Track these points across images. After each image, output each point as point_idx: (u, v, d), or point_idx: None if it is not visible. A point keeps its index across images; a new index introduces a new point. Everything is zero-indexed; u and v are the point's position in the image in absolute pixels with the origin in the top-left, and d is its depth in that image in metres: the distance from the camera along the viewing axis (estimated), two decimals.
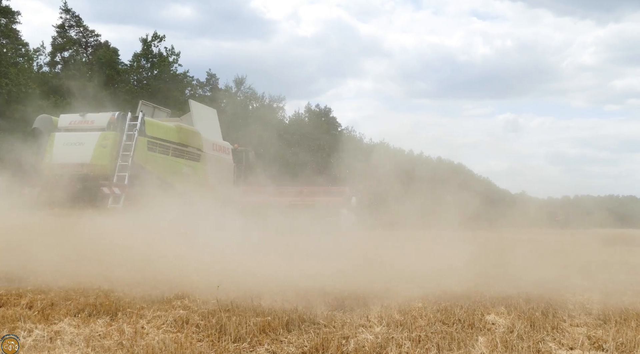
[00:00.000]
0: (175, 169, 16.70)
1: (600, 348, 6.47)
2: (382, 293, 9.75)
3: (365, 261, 15.04)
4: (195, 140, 17.48)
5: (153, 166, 16.15)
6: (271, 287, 9.90)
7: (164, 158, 16.58)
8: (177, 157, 16.93)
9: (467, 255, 18.63)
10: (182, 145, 17.12)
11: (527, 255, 18.98)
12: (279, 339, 6.56)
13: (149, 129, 16.30)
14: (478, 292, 10.08)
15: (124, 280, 10.28)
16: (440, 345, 6.30)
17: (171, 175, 16.62)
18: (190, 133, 17.46)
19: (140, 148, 15.95)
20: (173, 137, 17.04)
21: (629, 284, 12.13)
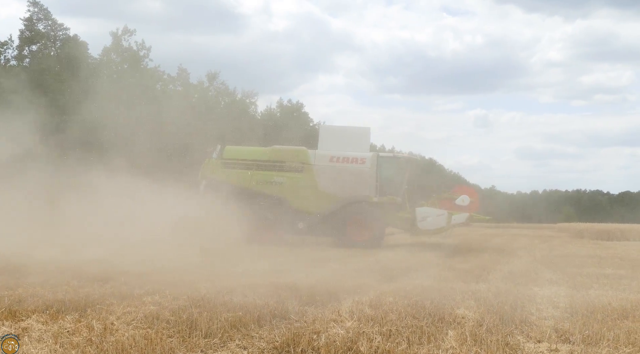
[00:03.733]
0: (261, 179, 21.13)
1: (567, 340, 6.57)
2: (354, 287, 9.80)
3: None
4: (297, 156, 21.31)
5: (228, 177, 21.29)
6: (242, 282, 9.89)
7: (243, 172, 21.28)
8: (265, 170, 21.24)
9: (436, 250, 18.84)
10: (276, 161, 21.30)
11: (496, 249, 19.25)
12: (250, 335, 6.55)
13: (227, 154, 21.74)
14: (448, 286, 10.18)
15: (93, 276, 10.19)
16: (411, 339, 6.34)
17: (256, 184, 21.13)
18: (288, 152, 21.72)
19: (214, 166, 21.56)
20: (260, 156, 21.64)
21: (596, 277, 12.36)
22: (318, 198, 20.78)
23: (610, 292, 10.03)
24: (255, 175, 21.29)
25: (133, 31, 41.81)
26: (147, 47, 42.20)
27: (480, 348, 6.06)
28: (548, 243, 27.11)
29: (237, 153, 22.06)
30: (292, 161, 21.35)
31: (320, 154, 21.26)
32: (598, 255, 19.30)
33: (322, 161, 21.07)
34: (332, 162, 20.96)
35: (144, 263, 12.58)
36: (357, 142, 21.28)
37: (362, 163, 20.68)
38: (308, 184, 20.97)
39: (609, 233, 36.22)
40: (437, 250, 18.68)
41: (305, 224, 20.67)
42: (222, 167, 21.56)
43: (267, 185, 21.16)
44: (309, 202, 20.83)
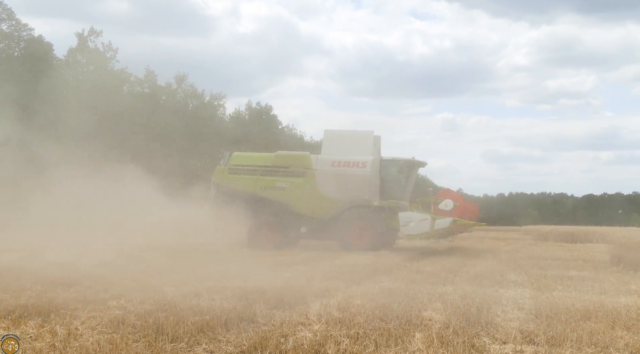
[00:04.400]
0: (265, 185, 21.36)
1: (532, 341, 6.66)
2: (322, 290, 9.80)
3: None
4: (300, 161, 21.55)
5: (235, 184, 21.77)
6: (210, 286, 9.82)
7: (249, 178, 21.58)
8: (269, 175, 21.45)
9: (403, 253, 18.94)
10: (279, 166, 21.54)
11: (463, 251, 19.43)
12: (217, 339, 6.50)
13: (234, 160, 22.26)
14: (415, 289, 10.24)
15: (57, 280, 10.02)
16: (378, 342, 6.36)
17: (261, 189, 21.39)
18: (291, 157, 22.11)
19: (222, 173, 22.09)
20: (265, 162, 21.92)
21: (560, 279, 12.56)
22: (320, 202, 20.84)
23: (574, 294, 10.19)
24: (260, 180, 21.57)
25: (99, 32, 41.32)
26: (114, 48, 41.71)
27: (447, 350, 6.11)
28: (513, 245, 27.46)
29: (244, 160, 22.55)
30: (295, 166, 21.58)
31: (322, 159, 21.31)
32: (562, 257, 19.61)
33: (323, 165, 21.13)
34: (333, 166, 20.99)
35: (110, 267, 12.42)
36: (360, 146, 21.21)
37: (362, 167, 20.64)
38: (310, 189, 21.07)
39: (573, 236, 36.81)
40: (405, 253, 18.78)
41: (308, 228, 20.77)
42: (230, 173, 22.02)
43: (271, 190, 21.39)
44: (311, 207, 20.93)
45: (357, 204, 20.44)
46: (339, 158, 20.96)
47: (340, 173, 20.76)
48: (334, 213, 20.53)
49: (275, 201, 21.26)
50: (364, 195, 20.48)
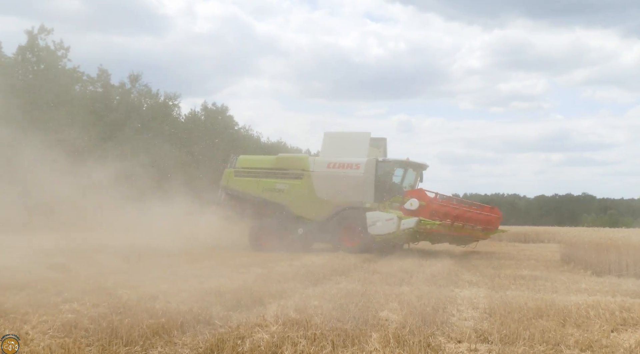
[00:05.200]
0: (266, 187, 21.70)
1: (486, 340, 6.76)
2: (279, 292, 9.78)
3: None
4: (298, 164, 21.75)
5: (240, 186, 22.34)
6: (165, 288, 9.71)
7: (252, 180, 22.03)
8: (270, 178, 21.80)
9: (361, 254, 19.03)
10: (279, 169, 21.84)
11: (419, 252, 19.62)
12: (172, 342, 6.43)
13: (239, 163, 22.76)
14: (373, 289, 10.30)
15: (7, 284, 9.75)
16: (335, 342, 6.37)
17: (262, 191, 21.73)
18: (290, 160, 22.55)
19: (229, 176, 22.67)
20: (266, 165, 22.37)
21: (513, 278, 12.80)
22: (315, 204, 20.89)
23: (527, 292, 10.40)
24: (261, 182, 21.95)
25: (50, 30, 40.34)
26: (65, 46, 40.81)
27: (403, 350, 6.16)
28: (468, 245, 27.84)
29: (248, 163, 22.95)
30: (293, 168, 21.73)
31: (319, 161, 21.37)
32: (515, 257, 19.99)
33: (319, 167, 21.16)
34: (329, 168, 20.99)
35: (63, 269, 12.17)
36: (356, 148, 21.14)
37: (356, 168, 20.54)
38: (306, 191, 21.14)
39: (525, 236, 37.60)
40: (362, 254, 18.87)
41: (304, 230, 20.83)
42: (235, 176, 22.53)
43: (271, 192, 21.70)
44: (307, 208, 21.01)
45: (350, 206, 20.41)
46: (334, 160, 21.02)
47: (335, 175, 20.80)
48: (329, 215, 20.56)
49: (276, 203, 21.56)
50: (357, 196, 20.40)
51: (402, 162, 21.01)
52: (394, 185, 20.80)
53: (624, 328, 7.51)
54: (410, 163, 21.23)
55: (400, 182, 20.97)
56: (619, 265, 14.57)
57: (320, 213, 20.75)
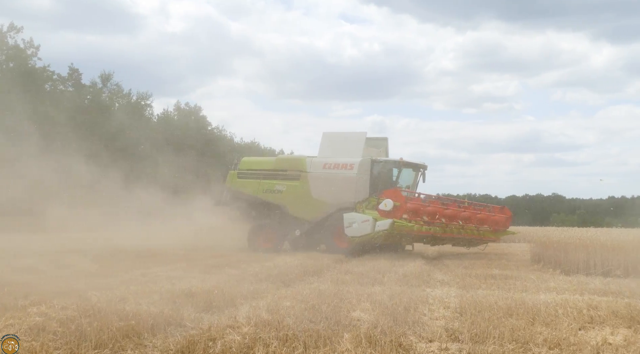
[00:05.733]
0: (266, 188, 21.79)
1: (457, 339, 6.83)
2: (251, 293, 9.75)
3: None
4: (296, 165, 21.71)
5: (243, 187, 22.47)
6: (136, 290, 9.62)
7: (253, 182, 22.15)
8: (269, 179, 21.91)
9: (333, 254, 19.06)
10: (278, 170, 21.95)
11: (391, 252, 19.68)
12: (143, 344, 6.38)
13: (242, 165, 23.02)
14: (345, 289, 10.32)
15: None
16: (307, 343, 6.38)
17: (262, 192, 21.83)
18: (289, 161, 22.67)
19: (232, 178, 22.86)
20: (267, 166, 22.55)
21: (484, 278, 12.92)
22: (311, 205, 20.83)
23: (497, 292, 10.50)
24: (262, 184, 22.01)
25: (20, 28, 39.79)
26: (35, 45, 40.27)
27: (375, 350, 6.18)
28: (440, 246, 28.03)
29: (250, 164, 23.11)
30: (291, 169, 21.72)
31: (315, 161, 21.29)
32: (486, 257, 20.18)
33: (316, 168, 21.11)
34: (324, 168, 20.94)
35: (31, 272, 11.97)
36: (352, 148, 21.03)
37: (350, 169, 20.46)
38: (304, 192, 21.11)
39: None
40: (334, 254, 18.90)
41: (301, 231, 20.82)
42: (238, 178, 22.68)
43: (271, 193, 21.75)
44: (304, 209, 20.95)
45: (344, 207, 20.18)
46: (329, 160, 21.00)
47: (330, 175, 20.75)
48: (324, 216, 20.49)
49: (275, 204, 21.63)
50: (351, 197, 20.24)
51: (396, 162, 20.75)
52: (391, 185, 20.47)
53: (591, 326, 7.63)
54: (406, 163, 20.97)
55: (396, 183, 20.67)
56: (587, 264, 14.79)
57: (317, 214, 20.69)
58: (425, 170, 21.86)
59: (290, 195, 21.35)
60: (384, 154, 21.91)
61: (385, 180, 20.56)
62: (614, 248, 14.64)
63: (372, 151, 21.57)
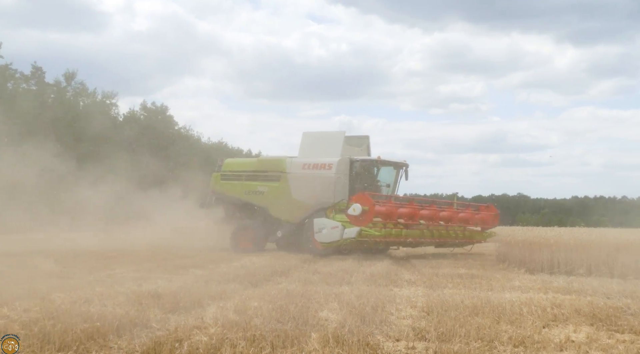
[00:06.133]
0: (248, 190, 21.74)
1: (424, 338, 6.87)
2: (218, 293, 9.69)
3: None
4: (277, 166, 21.59)
5: (226, 189, 22.44)
6: (101, 291, 9.49)
7: (236, 183, 22.09)
8: (251, 180, 21.83)
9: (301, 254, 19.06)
10: (260, 171, 21.87)
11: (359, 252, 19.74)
12: (108, 346, 6.30)
13: (225, 167, 22.93)
14: (312, 289, 10.32)
15: None
16: (275, 343, 6.37)
17: (245, 194, 21.78)
18: (270, 162, 22.35)
19: (216, 179, 22.84)
20: (249, 167, 22.51)
21: (450, 277, 13.04)
22: (292, 206, 20.70)
23: (463, 291, 10.62)
24: (244, 185, 21.94)
25: None
26: None
27: (342, 349, 6.19)
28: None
29: (233, 166, 23.05)
30: (272, 170, 21.61)
31: (294, 162, 21.14)
32: (452, 256, 20.36)
33: (295, 169, 20.97)
34: (304, 169, 20.78)
35: None
36: (331, 147, 20.82)
37: (328, 169, 20.25)
38: (284, 192, 21.00)
39: None
40: (302, 254, 18.91)
41: (283, 232, 20.74)
42: (222, 180, 22.61)
43: (253, 195, 21.70)
44: (285, 210, 20.84)
45: (323, 207, 20.01)
46: (308, 160, 20.84)
47: (310, 176, 20.59)
48: (303, 217, 20.29)
49: (257, 205, 21.59)
50: (330, 197, 20.06)
51: (374, 161, 20.55)
52: (371, 184, 20.35)
53: (554, 323, 7.75)
54: (384, 161, 20.76)
55: (374, 182, 20.55)
56: (551, 263, 15.03)
57: (297, 215, 20.55)
58: (407, 168, 21.67)
59: (272, 196, 21.26)
60: (365, 153, 21.73)
61: (365, 180, 20.43)
62: (577, 247, 14.90)
63: (353, 150, 21.37)
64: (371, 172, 20.72)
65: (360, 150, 21.69)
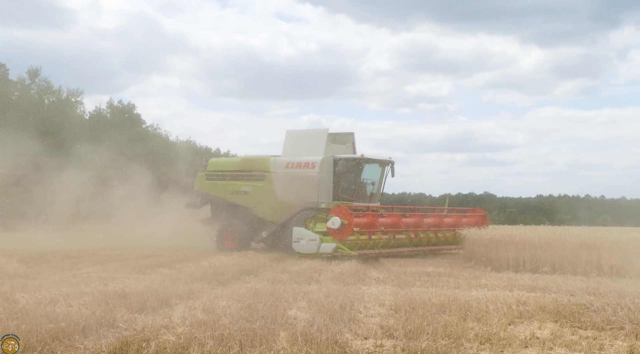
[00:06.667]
0: (233, 190, 21.52)
1: (391, 336, 6.92)
2: (187, 293, 9.63)
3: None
4: (261, 165, 21.23)
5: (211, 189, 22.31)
6: (67, 291, 9.36)
7: (221, 183, 21.87)
8: (236, 180, 21.59)
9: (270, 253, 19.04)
10: (244, 171, 21.57)
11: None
12: (74, 346, 6.21)
13: (210, 167, 22.71)
14: (281, 288, 10.32)
15: None
16: (243, 342, 6.35)
17: (229, 194, 21.57)
18: (254, 161, 21.79)
19: (201, 180, 22.70)
20: (233, 167, 22.15)
21: (418, 275, 13.14)
22: (276, 206, 20.38)
23: (431, 289, 10.71)
24: (229, 185, 21.69)
25: None
26: None
27: (311, 348, 6.20)
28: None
29: (217, 166, 22.74)
30: (256, 170, 21.29)
31: (278, 161, 20.76)
32: (420, 254, 20.47)
33: (279, 168, 20.62)
34: (287, 168, 20.42)
35: None
36: (314, 145, 20.39)
37: (312, 167, 19.83)
38: (267, 192, 20.68)
39: None
40: (271, 253, 18.87)
41: (268, 233, 20.45)
42: (207, 180, 22.38)
43: (237, 195, 21.44)
44: (269, 211, 20.56)
45: (307, 207, 19.65)
46: (292, 159, 20.47)
47: (293, 175, 20.22)
48: (288, 217, 19.88)
49: (241, 205, 21.28)
50: (314, 197, 19.67)
51: (358, 159, 20.06)
52: (357, 183, 20.04)
53: (520, 320, 7.87)
54: (369, 159, 20.37)
55: (358, 180, 20.18)
56: (516, 261, 15.24)
57: (282, 215, 20.20)
58: (392, 165, 21.08)
59: (256, 196, 20.99)
60: (350, 150, 21.30)
61: (350, 178, 20.08)
62: (542, 245, 15.13)
63: (338, 148, 20.97)
64: (356, 170, 20.25)
65: (345, 147, 21.29)
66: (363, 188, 20.66)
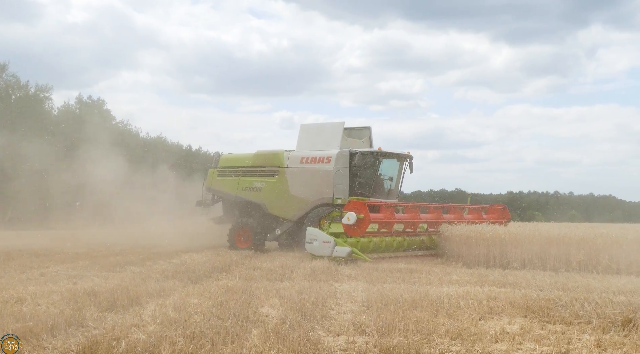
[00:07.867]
0: (245, 186, 21.04)
1: (364, 332, 6.94)
2: (157, 291, 9.55)
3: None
4: (274, 160, 20.73)
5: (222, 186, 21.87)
6: (35, 290, 9.22)
7: (233, 180, 21.43)
8: (248, 176, 21.13)
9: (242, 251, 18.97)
10: (257, 166, 21.05)
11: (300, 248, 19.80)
12: (42, 346, 6.11)
13: (221, 163, 22.27)
14: (253, 285, 10.29)
15: None
16: (215, 340, 6.31)
17: (241, 191, 21.07)
18: (267, 156, 21.16)
19: (212, 176, 22.30)
20: (246, 163, 21.50)
21: (390, 272, 13.19)
22: (290, 202, 19.83)
23: (403, 285, 10.76)
24: (241, 181, 21.22)
25: None
26: None
27: (283, 345, 6.19)
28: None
29: (229, 162, 22.21)
30: (269, 165, 20.77)
31: (292, 156, 20.21)
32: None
33: (293, 163, 20.08)
34: (302, 163, 19.87)
35: None
36: (329, 139, 19.80)
37: (327, 162, 19.28)
38: (281, 188, 20.15)
39: None
40: (243, 251, 18.82)
41: (282, 230, 19.91)
42: (218, 176, 21.96)
43: (249, 191, 20.97)
44: (283, 207, 20.00)
45: (323, 203, 19.11)
46: (306, 154, 19.95)
47: (308, 170, 19.71)
48: (302, 214, 19.34)
49: (253, 202, 20.78)
50: (329, 192, 19.12)
51: (375, 153, 19.38)
52: (374, 178, 19.48)
53: (490, 316, 7.95)
54: (386, 153, 19.69)
55: (375, 175, 19.57)
56: (487, 257, 15.42)
57: (296, 211, 19.61)
58: (411, 160, 20.48)
59: (269, 192, 20.46)
60: (367, 145, 20.75)
61: (367, 173, 19.43)
62: (512, 242, 15.31)
63: (354, 142, 20.47)
64: (372, 165, 19.59)
65: (361, 142, 20.75)
66: (380, 184, 20.01)
